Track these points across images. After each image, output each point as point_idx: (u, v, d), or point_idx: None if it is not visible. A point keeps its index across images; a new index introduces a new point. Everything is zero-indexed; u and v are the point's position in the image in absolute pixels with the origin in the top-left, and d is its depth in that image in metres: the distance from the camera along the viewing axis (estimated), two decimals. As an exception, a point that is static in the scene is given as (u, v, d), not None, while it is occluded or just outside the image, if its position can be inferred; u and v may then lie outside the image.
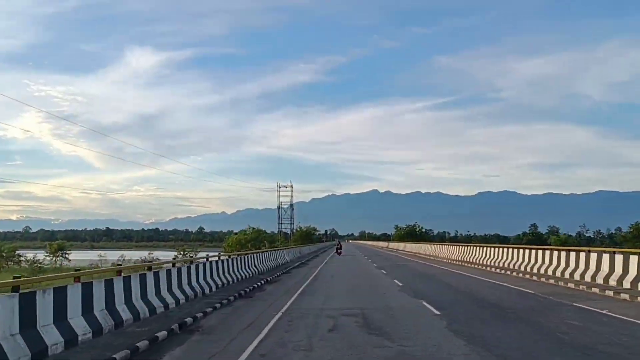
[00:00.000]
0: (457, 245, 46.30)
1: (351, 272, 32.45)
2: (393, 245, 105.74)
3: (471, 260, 38.89)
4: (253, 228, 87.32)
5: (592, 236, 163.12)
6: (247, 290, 21.28)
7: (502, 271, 29.84)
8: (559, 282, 22.33)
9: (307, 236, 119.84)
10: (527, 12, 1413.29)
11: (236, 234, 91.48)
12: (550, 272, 25.08)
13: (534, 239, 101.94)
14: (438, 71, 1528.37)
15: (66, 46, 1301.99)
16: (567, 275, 23.28)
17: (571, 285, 21.25)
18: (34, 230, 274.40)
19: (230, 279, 23.96)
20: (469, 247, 41.77)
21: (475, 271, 31.77)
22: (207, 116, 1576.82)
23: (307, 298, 19.12)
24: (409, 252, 72.85)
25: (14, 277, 9.90)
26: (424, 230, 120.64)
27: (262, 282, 25.25)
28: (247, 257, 29.75)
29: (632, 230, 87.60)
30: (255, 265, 30.80)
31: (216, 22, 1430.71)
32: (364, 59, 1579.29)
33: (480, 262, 36.81)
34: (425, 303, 16.77)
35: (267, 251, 38.00)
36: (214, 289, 20.74)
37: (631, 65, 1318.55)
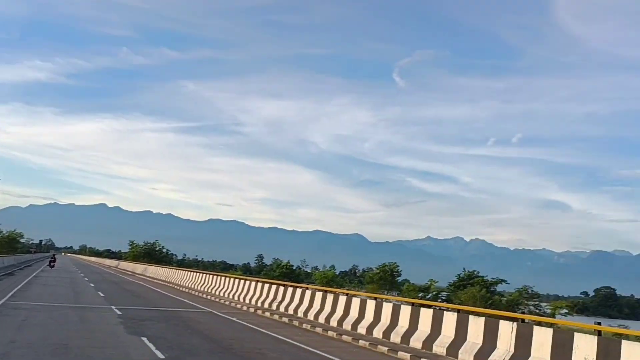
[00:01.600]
0: (278, 285, 26.64)
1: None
2: (126, 265, 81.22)
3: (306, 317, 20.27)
4: None
5: (309, 271, 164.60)
6: None
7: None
8: None
9: (9, 244, 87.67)
10: (272, 57, 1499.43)
11: None
12: None
13: (288, 272, 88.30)
14: (184, 96, 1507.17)
15: None
16: None
17: None
18: None
19: None
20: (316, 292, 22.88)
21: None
22: None
23: None
24: (151, 278, 51.14)
25: None
26: (164, 250, 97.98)
27: None
28: None
29: (378, 271, 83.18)
30: None
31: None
32: (110, 69, 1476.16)
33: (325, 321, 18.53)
34: None
35: None
36: None
37: (353, 122, 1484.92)
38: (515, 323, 12.02)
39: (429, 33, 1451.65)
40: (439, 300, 55.54)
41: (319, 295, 20.36)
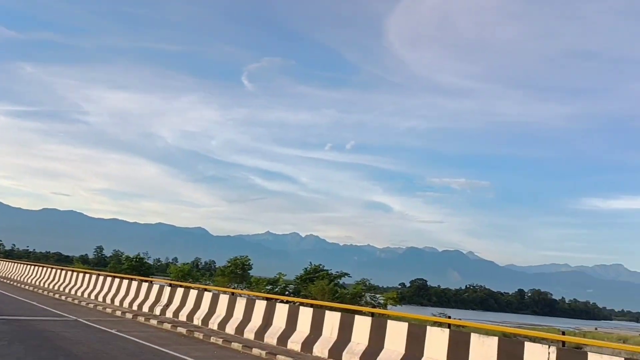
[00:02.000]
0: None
1: None
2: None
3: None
4: None
5: (152, 264, 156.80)
6: None
7: None
8: None
9: None
10: (121, 48, 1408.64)
11: None
12: None
13: (138, 264, 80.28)
14: (21, 78, 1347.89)
15: None
16: None
17: None
18: None
19: None
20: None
21: None
22: None
23: None
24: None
25: None
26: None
27: None
28: None
29: (230, 264, 79.97)
30: None
31: None
32: None
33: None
34: None
35: None
36: None
37: (201, 120, 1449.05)
38: (407, 324, 11.07)
39: (277, 42, 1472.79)
40: (287, 293, 53.86)
41: (223, 298, 16.01)
